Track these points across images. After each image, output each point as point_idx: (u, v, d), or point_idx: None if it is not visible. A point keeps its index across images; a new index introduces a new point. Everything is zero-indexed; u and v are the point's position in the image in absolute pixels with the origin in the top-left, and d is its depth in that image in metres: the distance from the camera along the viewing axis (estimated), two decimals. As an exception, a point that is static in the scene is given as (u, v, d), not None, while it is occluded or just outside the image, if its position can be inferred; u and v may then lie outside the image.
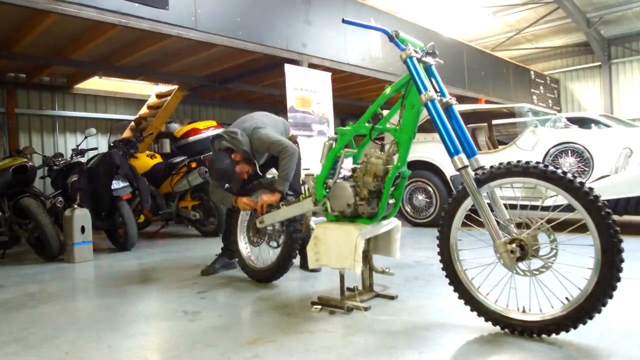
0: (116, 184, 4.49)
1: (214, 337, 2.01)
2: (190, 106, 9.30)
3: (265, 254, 3.01)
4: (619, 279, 1.70)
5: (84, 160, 5.05)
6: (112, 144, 5.50)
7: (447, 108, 2.10)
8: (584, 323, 1.77)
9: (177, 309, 2.46)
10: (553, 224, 1.87)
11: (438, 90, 2.16)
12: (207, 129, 5.36)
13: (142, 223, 5.72)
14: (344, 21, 2.35)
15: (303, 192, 2.77)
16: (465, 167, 1.95)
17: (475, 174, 1.97)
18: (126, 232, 4.45)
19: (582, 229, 1.79)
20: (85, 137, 5.10)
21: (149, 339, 2.07)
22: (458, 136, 2.05)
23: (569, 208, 1.85)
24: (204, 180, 5.13)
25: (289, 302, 2.54)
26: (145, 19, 4.33)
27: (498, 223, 1.94)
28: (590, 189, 1.76)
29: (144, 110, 8.04)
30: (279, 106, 9.91)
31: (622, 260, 1.69)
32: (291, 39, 5.74)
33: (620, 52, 13.74)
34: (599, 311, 1.74)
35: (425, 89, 2.08)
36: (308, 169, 5.20)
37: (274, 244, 2.96)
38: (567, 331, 1.80)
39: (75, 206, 4.17)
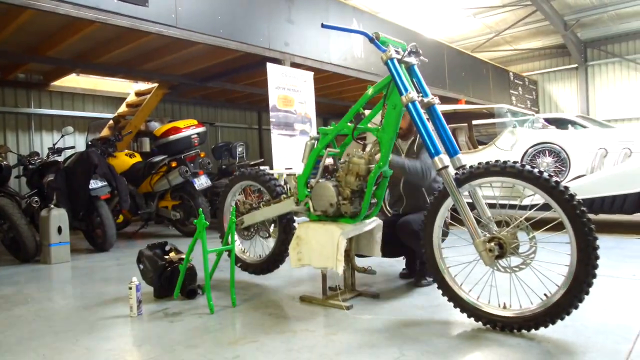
0: (94, 184, 4.41)
1: (194, 338, 1.99)
2: (171, 104, 9.19)
3: (258, 247, 2.99)
4: (594, 276, 1.74)
5: (60, 159, 4.95)
6: (89, 143, 5.40)
7: (430, 108, 2.12)
8: (562, 319, 1.81)
9: (157, 310, 2.42)
10: (531, 221, 1.91)
11: (420, 90, 2.18)
12: (188, 127, 5.31)
13: (121, 223, 5.63)
14: (323, 26, 2.35)
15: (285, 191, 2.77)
16: (445, 167, 1.98)
17: (456, 173, 1.99)
18: (104, 233, 4.37)
19: (560, 227, 1.82)
20: (62, 136, 4.99)
21: (128, 340, 2.03)
22: (440, 135, 2.07)
23: (546, 207, 1.89)
24: (184, 179, 5.07)
25: (271, 302, 2.53)
26: (125, 15, 4.26)
27: (479, 221, 1.97)
28: (566, 187, 1.79)
29: (122, 108, 7.90)
30: (260, 105, 9.89)
31: (597, 257, 1.74)
32: (273, 37, 5.71)
33: (596, 55, 14.07)
34: (576, 307, 1.78)
35: (406, 90, 2.09)
36: (290, 169, 5.19)
37: (265, 234, 2.94)
38: (545, 327, 1.84)
39: (52, 206, 4.08)
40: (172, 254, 2.74)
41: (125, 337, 2.06)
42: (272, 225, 2.91)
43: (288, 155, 5.41)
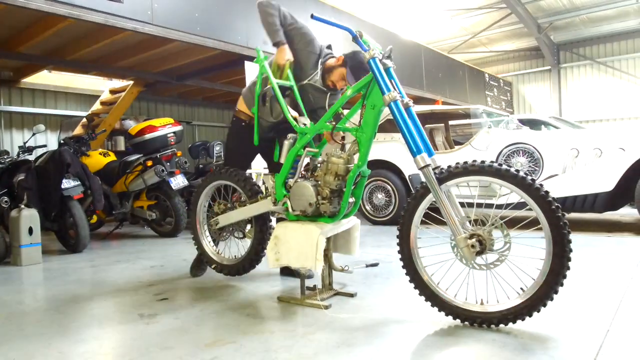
0: (67, 183, 4.30)
1: (170, 340, 1.96)
2: (146, 102, 9.04)
3: (233, 248, 2.96)
4: (568, 268, 1.82)
5: (31, 158, 4.81)
6: (62, 141, 5.26)
7: (406, 109, 2.15)
8: (538, 311, 1.87)
9: (132, 312, 2.38)
10: (505, 220, 1.96)
11: (397, 92, 2.20)
12: (164, 126, 5.23)
13: (95, 224, 5.52)
14: (312, 17, 2.35)
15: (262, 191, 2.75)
16: (427, 165, 2.01)
17: (434, 173, 2.02)
18: (77, 233, 4.28)
19: (531, 225, 1.87)
20: (34, 134, 4.85)
21: (102, 343, 1.99)
22: (416, 137, 2.10)
23: (519, 205, 1.94)
24: (160, 179, 5.00)
25: (249, 302, 2.51)
26: (99, 11, 4.17)
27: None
28: (541, 185, 1.86)
29: (96, 106, 7.74)
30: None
31: (571, 250, 1.82)
32: (252, 36, 5.68)
33: (568, 57, 14.44)
34: (552, 299, 1.85)
35: (388, 89, 2.12)
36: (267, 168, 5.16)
37: (239, 234, 2.91)
38: (523, 320, 1.89)
39: (23, 206, 3.97)
40: None
41: (100, 340, 2.02)
42: (248, 225, 2.88)
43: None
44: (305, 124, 2.52)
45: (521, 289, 1.92)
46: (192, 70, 6.90)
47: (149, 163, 5.12)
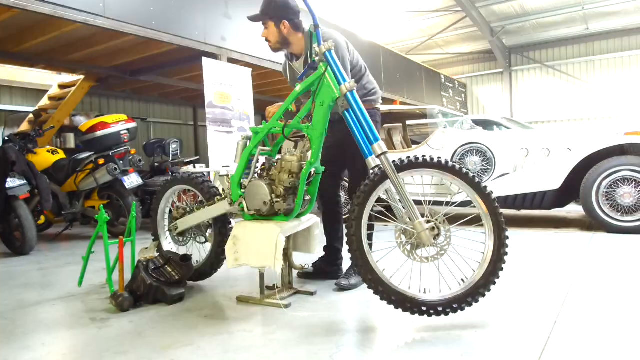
0: (11, 182, 4.08)
1: (124, 344, 1.89)
2: (98, 98, 8.71)
3: (195, 252, 2.90)
4: (506, 254, 1.96)
5: (-28, 155, 4.53)
6: (6, 138, 4.98)
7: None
8: (477, 301, 1.97)
9: (83, 316, 2.28)
10: (447, 216, 2.04)
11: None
12: (117, 123, 5.04)
13: (43, 224, 5.26)
14: None
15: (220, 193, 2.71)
16: (385, 153, 2.04)
17: (394, 162, 2.05)
18: (24, 235, 4.06)
19: (469, 222, 1.99)
20: (-26, 130, 4.58)
21: (51, 349, 1.90)
22: (367, 128, 2.13)
23: (463, 204, 2.07)
24: (113, 177, 4.83)
25: (207, 303, 2.47)
26: (46, 2, 3.98)
27: (398, 217, 2.08)
28: (485, 184, 2.02)
29: (44, 101, 7.38)
30: (197, 101, 9.62)
31: (507, 245, 1.97)
32: (209, 32, 5.58)
33: (519, 60, 15.06)
34: (489, 289, 1.96)
35: (344, 80, 2.14)
36: (228, 167, 5.09)
37: (201, 239, 2.86)
38: (470, 306, 1.98)
39: (-38, 207, 3.73)
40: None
41: (49, 346, 1.92)
42: (209, 229, 2.84)
43: (225, 152, 5.31)
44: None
45: (462, 279, 2.02)
46: (147, 65, 6.70)
47: (101, 161, 4.93)
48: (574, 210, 6.00)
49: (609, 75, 13.82)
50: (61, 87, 7.37)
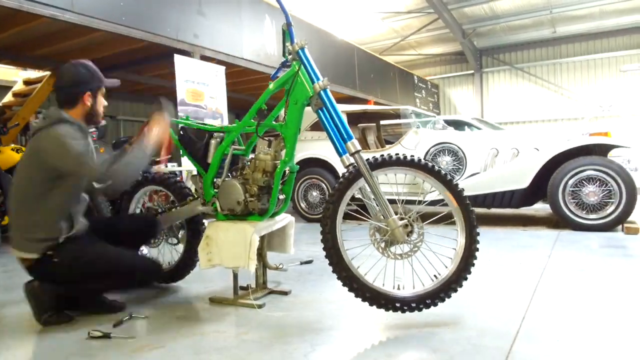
0: (-27, 181, 3.93)
1: (93, 348, 1.84)
2: (67, 95, 8.45)
3: (167, 252, 2.84)
4: (477, 250, 2.01)
5: None
6: (-32, 136, 4.80)
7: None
8: (449, 297, 2.01)
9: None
10: (420, 214, 2.07)
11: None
12: (86, 120, 4.91)
13: (7, 225, 5.08)
14: None
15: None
16: (358, 151, 2.05)
17: (368, 160, 2.07)
18: (-14, 236, 3.92)
19: (441, 219, 2.03)
20: None
21: (16, 353, 1.84)
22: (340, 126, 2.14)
23: (435, 202, 2.06)
24: (82, 176, 4.69)
25: (179, 305, 2.43)
26: (10, -6, 3.84)
27: (372, 215, 2.10)
28: (457, 183, 2.05)
29: (8, 98, 7.11)
30: (169, 98, 9.44)
31: (478, 242, 2.02)
32: (182, 29, 5.49)
33: (490, 62, 15.38)
34: (461, 285, 2.00)
35: (318, 78, 2.14)
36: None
37: (174, 240, 2.81)
38: (443, 302, 2.01)
39: None
40: None
41: (13, 350, 1.86)
42: (181, 230, 2.79)
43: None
44: None
45: (435, 276, 2.06)
46: (117, 61, 6.55)
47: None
48: (541, 208, 6.16)
49: (575, 77, 14.27)
50: (26, 83, 7.12)
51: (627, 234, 4.13)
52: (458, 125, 7.34)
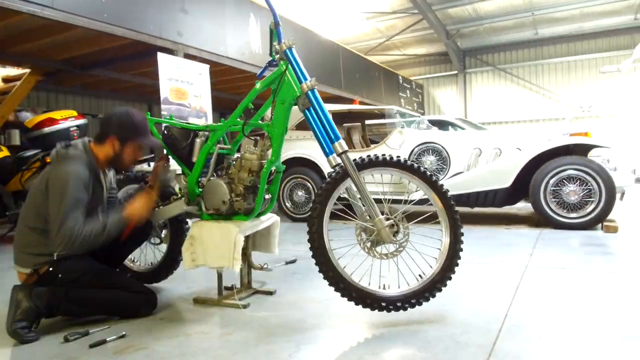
0: (-51, 181, 3.83)
1: (75, 350, 1.81)
2: (46, 93, 8.31)
3: (149, 253, 2.80)
4: (462, 250, 2.04)
5: None
6: (-57, 134, 4.68)
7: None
8: (434, 296, 2.03)
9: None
10: (405, 214, 2.08)
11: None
12: (66, 119, 4.81)
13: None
14: None
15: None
16: (346, 151, 2.05)
17: (354, 160, 2.07)
18: (-37, 237, 3.82)
19: (426, 219, 2.06)
20: None
21: (-7, 358, 1.79)
22: (327, 126, 2.13)
23: (420, 202, 2.07)
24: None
25: (163, 305, 2.39)
26: (-12, -11, 3.75)
27: (358, 215, 2.11)
28: (441, 183, 2.07)
29: (-14, 95, 6.96)
30: (151, 97, 9.34)
31: (462, 241, 2.04)
32: (165, 26, 5.43)
33: (473, 63, 15.55)
34: (446, 284, 2.03)
35: (305, 78, 2.13)
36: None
37: (156, 240, 2.77)
38: (427, 301, 2.03)
39: None
40: None
41: (-11, 355, 1.82)
42: (164, 229, 2.76)
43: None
44: None
45: (419, 275, 2.07)
46: (99, 59, 6.44)
47: (49, 159, 4.70)
48: (524, 207, 6.25)
49: (556, 78, 14.51)
50: (5, 80, 6.95)
51: (607, 233, 4.21)
52: (442, 125, 7.40)
